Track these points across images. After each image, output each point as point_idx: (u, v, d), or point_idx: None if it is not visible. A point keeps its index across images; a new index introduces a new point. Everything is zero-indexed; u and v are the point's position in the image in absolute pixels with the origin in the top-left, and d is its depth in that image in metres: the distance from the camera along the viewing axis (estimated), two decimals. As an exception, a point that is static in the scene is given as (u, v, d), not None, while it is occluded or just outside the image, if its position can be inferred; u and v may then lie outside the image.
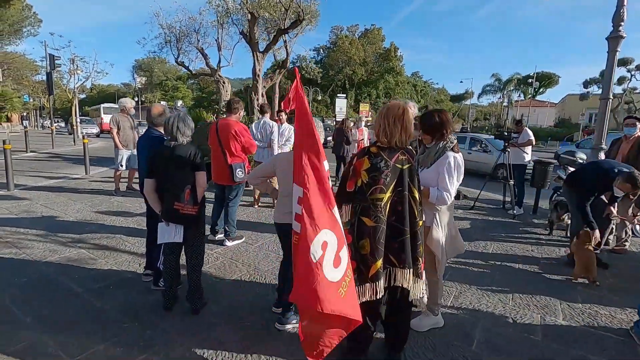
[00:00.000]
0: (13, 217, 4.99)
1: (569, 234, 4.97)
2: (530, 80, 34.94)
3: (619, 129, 28.87)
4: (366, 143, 7.61)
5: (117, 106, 38.90)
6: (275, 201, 2.78)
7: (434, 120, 2.36)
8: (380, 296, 2.01)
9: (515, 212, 5.91)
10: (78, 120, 21.72)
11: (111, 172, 8.84)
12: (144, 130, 3.40)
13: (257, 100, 9.41)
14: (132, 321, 2.58)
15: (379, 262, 1.98)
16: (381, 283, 2.01)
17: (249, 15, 8.07)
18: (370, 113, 41.33)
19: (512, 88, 45.61)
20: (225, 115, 4.37)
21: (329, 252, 1.84)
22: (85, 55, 41.89)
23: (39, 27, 30.90)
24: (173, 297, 2.75)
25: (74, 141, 17.52)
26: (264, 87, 9.55)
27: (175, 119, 2.65)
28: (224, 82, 11.01)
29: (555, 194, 6.72)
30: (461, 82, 70.81)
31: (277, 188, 2.78)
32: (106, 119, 30.90)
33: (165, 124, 2.69)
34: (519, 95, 44.92)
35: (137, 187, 6.66)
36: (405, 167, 2.02)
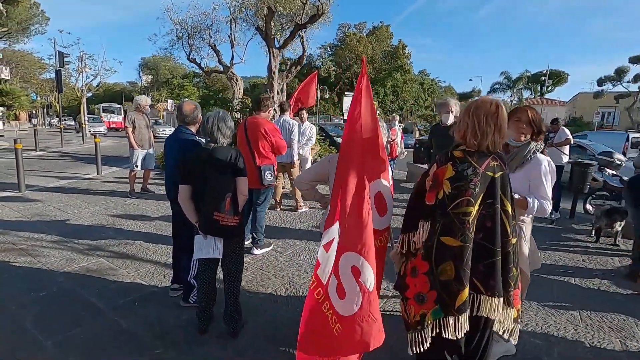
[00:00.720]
0: (26, 220, 4.73)
1: (617, 242, 4.64)
2: (543, 78, 34.22)
3: (634, 127, 28.26)
4: (399, 144, 7.27)
5: (116, 105, 38.67)
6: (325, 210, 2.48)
7: (532, 117, 2.04)
8: (465, 332, 1.70)
9: (553, 216, 5.55)
10: (86, 118, 21.54)
11: (123, 172, 8.62)
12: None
13: (272, 98, 9.08)
14: (166, 347, 2.28)
15: (467, 290, 1.67)
16: (466, 315, 1.70)
17: (266, 9, 7.76)
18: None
19: (521, 86, 44.95)
20: (245, 114, 4.05)
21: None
22: (93, 52, 41.80)
23: (46, 25, 30.90)
24: (209, 317, 2.45)
25: (83, 139, 17.35)
26: (279, 84, 9.26)
27: (215, 118, 2.35)
28: (237, 80, 10.71)
29: (591, 197, 6.36)
30: (470, 80, 70.11)
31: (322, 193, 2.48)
32: (105, 117, 31.23)
33: (203, 124, 2.39)
34: (531, 94, 44.14)
35: (152, 188, 6.47)
36: (497, 174, 1.70)
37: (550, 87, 45.26)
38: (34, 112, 40.78)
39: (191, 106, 2.85)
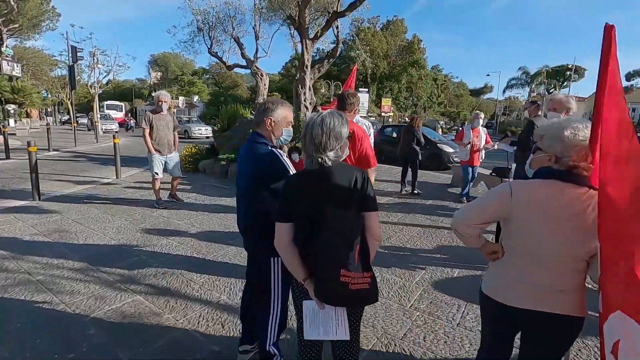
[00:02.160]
0: (43, 240, 4.03)
1: None
2: (568, 73, 32.86)
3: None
4: (482, 147, 6.39)
5: (119, 103, 38.67)
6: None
7: None
8: None
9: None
10: (99, 116, 21.01)
11: (144, 175, 7.93)
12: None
13: (304, 94, 8.33)
14: None
15: None
16: None
17: (300, -4, 7.00)
18: (392, 108, 40.02)
19: (540, 81, 43.56)
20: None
21: None
22: (106, 48, 41.31)
23: (57, 22, 30.40)
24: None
25: (97, 138, 16.77)
26: (311, 79, 8.48)
27: (319, 126, 1.53)
28: (262, 75, 9.95)
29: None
30: (488, 75, 68.93)
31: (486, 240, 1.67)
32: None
33: (304, 134, 1.58)
34: (553, 89, 42.67)
35: (181, 195, 5.74)
36: None
37: (565, 83, 43.81)
38: (48, 110, 40.58)
39: (287, 109, 2.04)
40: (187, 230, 4.45)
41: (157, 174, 5.30)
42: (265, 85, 9.99)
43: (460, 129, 7.10)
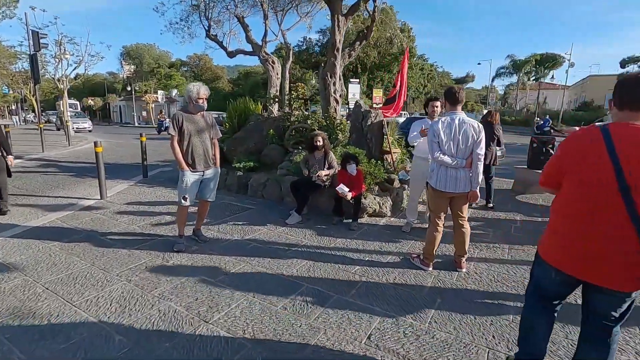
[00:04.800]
0: (-9, 340, 2.33)
1: None
2: (567, 61, 32.29)
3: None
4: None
5: (74, 102, 36.26)
6: None
7: None
8: None
9: None
10: (69, 114, 18.54)
11: (137, 189, 6.16)
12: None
13: (334, 84, 6.76)
14: None
15: None
16: None
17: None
18: (383, 99, 38.77)
19: (529, 69, 43.27)
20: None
21: None
22: (75, 36, 37.44)
23: (15, 8, 27.07)
24: None
25: (68, 140, 14.51)
26: (341, 65, 6.92)
27: None
28: (273, 63, 8.26)
29: None
30: (479, 64, 69.56)
31: None
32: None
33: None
34: (541, 77, 42.42)
35: (211, 233, 4.03)
36: None
37: (546, 71, 43.67)
38: (13, 107, 36.88)
39: None
40: (242, 299, 2.84)
41: (185, 199, 3.63)
42: (277, 74, 8.32)
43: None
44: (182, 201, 3.64)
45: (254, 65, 54.50)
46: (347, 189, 4.45)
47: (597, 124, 1.66)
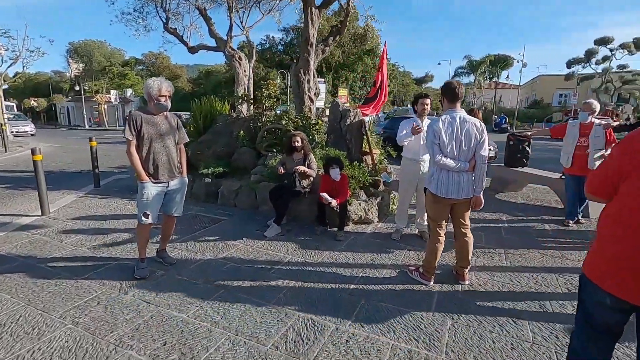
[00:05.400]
0: None
1: None
2: (519, 61, 34.04)
3: (602, 108, 29.04)
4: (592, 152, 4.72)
5: (12, 104, 33.36)
6: None
7: None
8: None
9: None
10: (6, 116, 16.60)
11: (88, 203, 5.35)
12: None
13: (308, 82, 6.34)
14: None
15: None
16: None
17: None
18: (348, 99, 38.80)
19: (484, 70, 45.36)
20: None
21: None
22: (9, 29, 33.57)
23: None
24: None
25: (5, 146, 12.88)
26: (315, 61, 6.50)
27: None
28: (240, 59, 7.67)
29: None
30: (439, 64, 71.99)
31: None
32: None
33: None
34: (495, 77, 44.65)
35: (179, 252, 3.34)
36: None
37: (499, 71, 46.18)
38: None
39: None
40: (222, 338, 2.33)
41: (146, 216, 3.03)
42: (245, 71, 7.74)
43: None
44: (143, 218, 3.05)
45: (215, 64, 52.71)
46: (330, 198, 4.05)
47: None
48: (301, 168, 4.35)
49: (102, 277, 3.13)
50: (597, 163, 4.68)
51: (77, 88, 38.31)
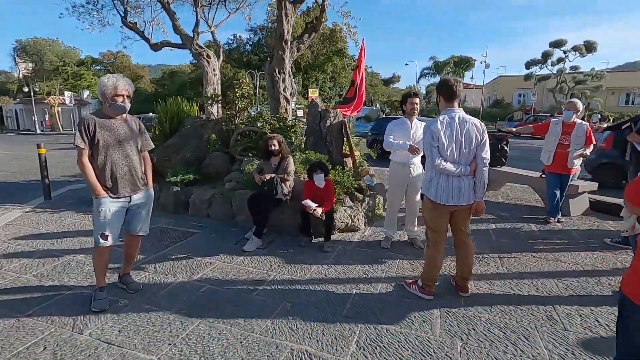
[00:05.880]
0: None
1: None
2: (481, 62, 35.35)
3: (556, 111, 30.79)
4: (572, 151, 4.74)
5: None
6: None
7: None
8: None
9: None
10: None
11: (35, 218, 4.65)
12: None
13: (283, 81, 5.98)
14: None
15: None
16: None
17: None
18: (319, 99, 38.69)
19: (448, 70, 46.84)
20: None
21: None
22: None
23: None
24: None
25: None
26: (290, 60, 6.14)
27: None
28: (208, 57, 7.16)
29: None
30: (406, 64, 74.17)
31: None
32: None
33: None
34: (461, 77, 46.20)
35: (147, 275, 2.89)
36: None
37: (462, 72, 48.04)
38: None
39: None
40: (189, 387, 1.93)
41: (104, 237, 2.56)
42: (214, 70, 7.24)
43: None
44: (101, 240, 2.58)
45: (179, 64, 50.66)
46: (313, 205, 3.73)
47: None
48: (267, 177, 3.99)
49: (51, 313, 2.62)
50: (577, 162, 4.71)
51: (26, 89, 35.39)
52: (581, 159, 4.74)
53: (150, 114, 17.23)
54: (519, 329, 2.47)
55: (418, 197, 3.94)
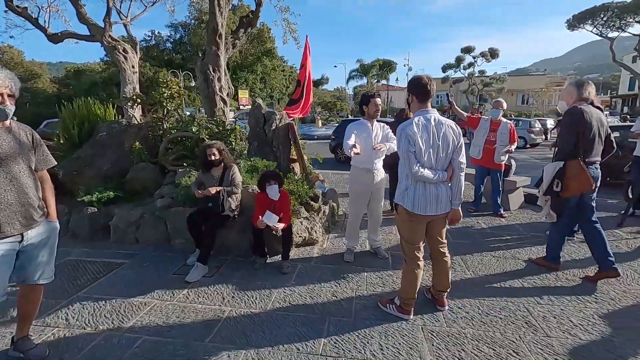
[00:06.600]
0: None
1: None
2: (404, 66, 37.55)
3: (469, 110, 34.23)
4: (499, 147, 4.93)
5: None
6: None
7: None
8: None
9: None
10: None
11: None
12: None
13: (219, 80, 5.34)
14: None
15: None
16: None
17: None
18: (249, 100, 37.42)
19: (375, 73, 49.15)
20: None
21: None
22: None
23: None
24: None
25: None
26: (226, 57, 5.49)
27: None
28: (125, 51, 6.15)
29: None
30: (335, 66, 76.68)
31: None
32: None
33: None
34: (384, 79, 48.78)
35: (60, 330, 2.08)
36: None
37: (386, 74, 51.06)
38: None
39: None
40: None
41: None
42: (133, 67, 6.24)
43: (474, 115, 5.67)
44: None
45: (87, 62, 44.88)
46: (276, 218, 3.27)
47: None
48: (212, 191, 3.43)
49: None
50: (503, 157, 5.01)
51: None
52: (507, 155, 5.04)
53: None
54: (506, 343, 2.33)
55: (382, 204, 3.72)
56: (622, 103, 42.60)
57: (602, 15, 29.54)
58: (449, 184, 2.49)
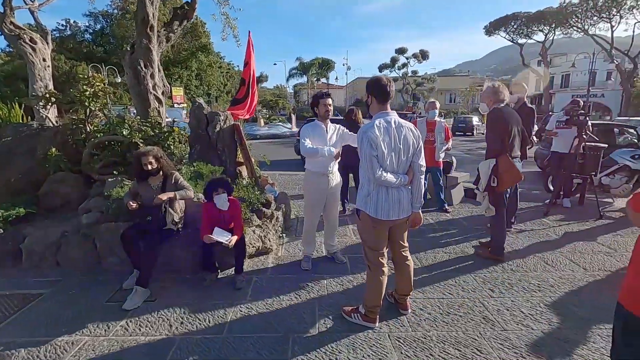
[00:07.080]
0: None
1: None
2: (343, 65, 38.25)
3: (404, 108, 36.21)
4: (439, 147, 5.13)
5: None
6: None
7: None
8: None
9: None
10: None
11: None
12: None
13: (152, 77, 4.79)
14: None
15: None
16: None
17: None
18: (185, 98, 35.24)
19: (314, 71, 49.55)
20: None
21: None
22: None
23: None
24: None
25: None
26: (159, 51, 4.94)
27: None
28: (33, 42, 5.25)
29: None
30: (275, 64, 75.74)
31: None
32: None
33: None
34: (323, 77, 49.37)
35: None
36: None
37: (325, 73, 52.05)
38: None
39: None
40: None
41: None
42: (45, 60, 5.36)
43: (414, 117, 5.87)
44: None
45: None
46: (227, 235, 2.99)
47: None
48: (163, 197, 3.06)
49: None
50: (442, 155, 5.31)
51: None
52: (444, 152, 5.34)
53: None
54: (469, 342, 2.37)
55: (338, 208, 3.62)
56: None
57: (512, 24, 33.22)
58: (409, 187, 2.47)
